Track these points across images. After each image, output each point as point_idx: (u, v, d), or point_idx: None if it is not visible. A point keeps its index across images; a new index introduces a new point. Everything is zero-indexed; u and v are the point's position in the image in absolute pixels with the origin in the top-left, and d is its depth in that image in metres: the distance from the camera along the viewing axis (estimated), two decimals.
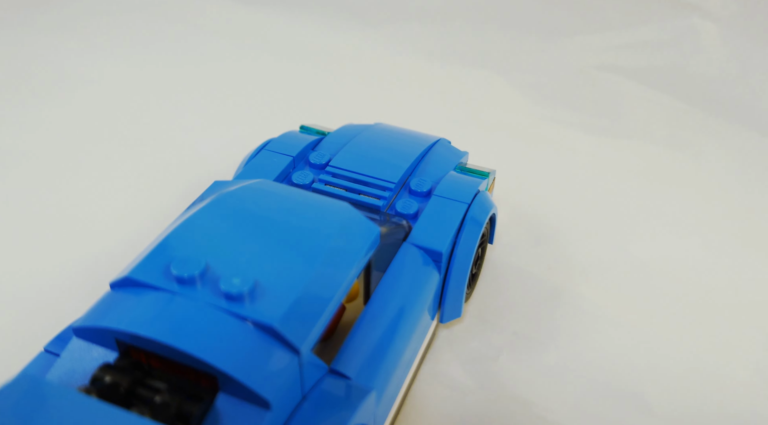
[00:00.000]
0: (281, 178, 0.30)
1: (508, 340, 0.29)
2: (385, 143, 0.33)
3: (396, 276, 0.25)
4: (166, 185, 0.37)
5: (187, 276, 0.19)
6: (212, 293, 0.19)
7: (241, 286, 0.19)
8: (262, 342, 0.19)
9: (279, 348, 0.19)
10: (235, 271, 0.20)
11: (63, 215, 0.35)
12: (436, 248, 0.26)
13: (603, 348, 0.29)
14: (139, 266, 0.20)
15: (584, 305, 0.31)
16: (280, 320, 0.19)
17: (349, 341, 0.22)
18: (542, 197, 0.38)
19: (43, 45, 0.51)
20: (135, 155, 0.40)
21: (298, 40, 0.53)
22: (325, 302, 0.20)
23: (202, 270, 0.20)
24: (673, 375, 0.28)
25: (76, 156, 0.40)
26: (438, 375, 0.28)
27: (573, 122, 0.45)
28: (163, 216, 0.34)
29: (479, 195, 0.30)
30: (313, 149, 0.32)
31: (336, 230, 0.22)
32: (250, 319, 0.19)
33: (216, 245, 0.21)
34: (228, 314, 0.19)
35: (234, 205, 0.23)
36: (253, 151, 0.32)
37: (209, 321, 0.19)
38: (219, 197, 0.23)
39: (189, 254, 0.20)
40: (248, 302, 0.19)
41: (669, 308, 0.31)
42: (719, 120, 0.46)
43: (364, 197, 0.29)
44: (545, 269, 0.33)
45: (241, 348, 0.18)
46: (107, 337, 0.19)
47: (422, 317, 0.26)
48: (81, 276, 0.31)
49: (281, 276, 0.20)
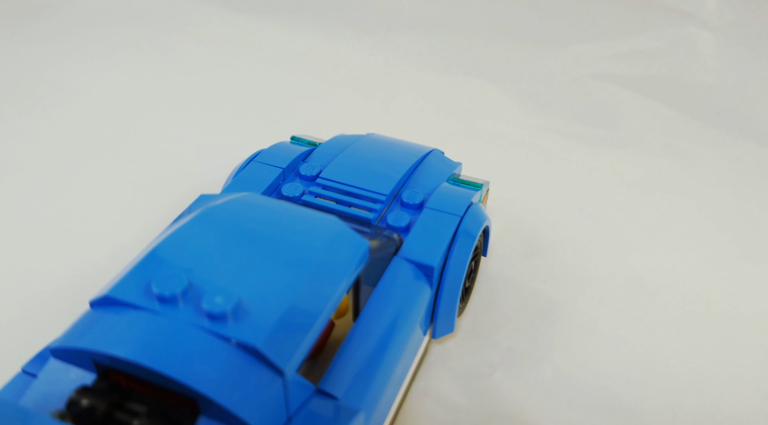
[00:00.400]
0: (271, 190, 0.30)
1: (503, 356, 0.29)
2: (377, 154, 0.32)
3: (386, 292, 0.25)
4: (156, 197, 0.36)
5: (169, 295, 0.19)
6: (194, 312, 0.19)
7: (223, 305, 0.19)
8: (245, 364, 0.18)
9: (262, 369, 0.18)
10: (218, 289, 0.19)
11: (49, 227, 0.35)
12: (428, 263, 0.26)
13: (600, 363, 0.29)
14: (119, 284, 0.20)
15: (580, 319, 0.31)
16: (263, 340, 0.18)
17: (337, 359, 0.22)
18: (537, 208, 0.38)
19: (33, 55, 0.51)
20: (124, 167, 0.39)
21: (290, 49, 0.53)
22: (311, 320, 0.20)
23: (185, 288, 0.19)
24: (672, 391, 0.28)
25: (64, 167, 0.39)
26: (430, 392, 0.27)
27: (568, 132, 0.45)
28: (152, 229, 0.33)
29: (472, 207, 0.29)
30: (304, 161, 0.32)
31: (324, 245, 0.22)
32: (233, 339, 0.18)
33: (199, 261, 0.20)
34: (210, 334, 0.18)
35: (219, 220, 0.22)
36: (243, 162, 0.32)
37: (190, 341, 0.18)
38: (203, 211, 0.23)
39: (171, 271, 0.20)
40: (231, 322, 0.19)
41: (666, 322, 0.31)
42: (716, 129, 0.46)
43: (355, 209, 0.28)
44: (540, 282, 0.33)
45: (223, 370, 0.18)
46: (85, 358, 0.18)
47: (413, 334, 0.25)
48: (65, 292, 0.30)
49: (266, 293, 0.20)
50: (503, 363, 0.28)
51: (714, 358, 0.29)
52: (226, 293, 0.19)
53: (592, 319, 0.31)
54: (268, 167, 0.31)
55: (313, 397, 0.20)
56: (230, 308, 0.19)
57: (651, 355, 0.29)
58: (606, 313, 0.31)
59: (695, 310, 0.32)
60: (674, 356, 0.29)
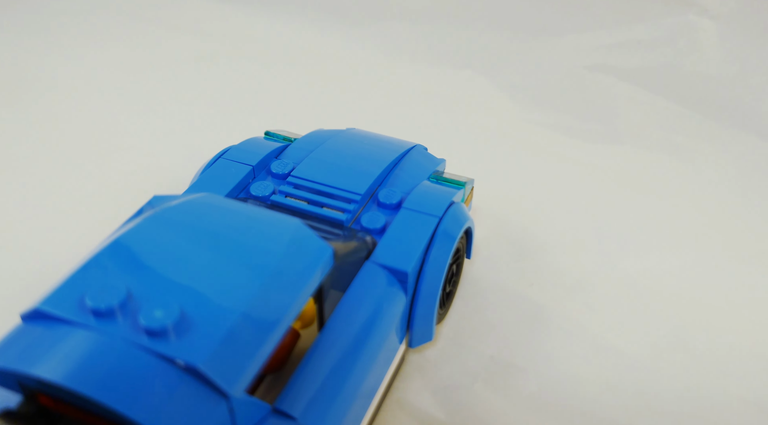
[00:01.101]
0: (239, 189, 0.28)
1: (484, 365, 0.27)
2: (355, 150, 0.30)
3: (355, 300, 0.23)
4: (121, 196, 0.35)
5: (105, 308, 0.17)
6: (132, 327, 0.17)
7: (163, 319, 0.17)
8: (185, 386, 0.16)
9: (205, 391, 0.17)
10: (159, 301, 0.17)
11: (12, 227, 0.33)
12: (401, 268, 0.24)
13: (588, 374, 0.27)
14: (51, 296, 0.18)
15: (568, 327, 0.29)
16: (205, 359, 0.17)
17: (297, 375, 0.20)
18: (527, 207, 0.36)
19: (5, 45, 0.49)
20: (90, 164, 0.38)
21: (273, 40, 0.51)
22: (264, 333, 0.18)
23: (122, 300, 0.17)
24: (665, 405, 0.26)
25: (26, 163, 0.37)
26: (405, 405, 0.25)
27: (561, 126, 0.43)
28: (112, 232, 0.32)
29: (453, 207, 0.27)
30: (277, 157, 0.30)
31: (282, 250, 0.20)
32: (172, 358, 0.16)
33: (143, 270, 0.19)
34: (147, 353, 0.17)
35: (169, 223, 0.21)
36: (210, 160, 0.30)
37: (124, 361, 0.16)
38: (153, 214, 0.21)
39: (109, 281, 0.18)
40: (173, 338, 0.17)
41: (660, 330, 0.29)
42: (717, 123, 0.44)
43: (327, 210, 0.27)
44: (528, 286, 0.31)
45: (160, 394, 0.16)
46: (10, 379, 0.17)
47: (385, 344, 0.23)
48: (11, 301, 0.28)
49: (214, 305, 0.18)
50: (485, 374, 0.27)
51: (712, 369, 0.27)
52: (167, 306, 0.17)
53: (582, 326, 0.29)
54: (237, 165, 0.29)
55: (268, 418, 0.19)
56: (171, 322, 0.17)
57: (644, 366, 0.27)
58: (597, 320, 0.29)
59: (693, 317, 0.30)
60: (668, 367, 0.27)
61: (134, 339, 0.17)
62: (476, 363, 0.27)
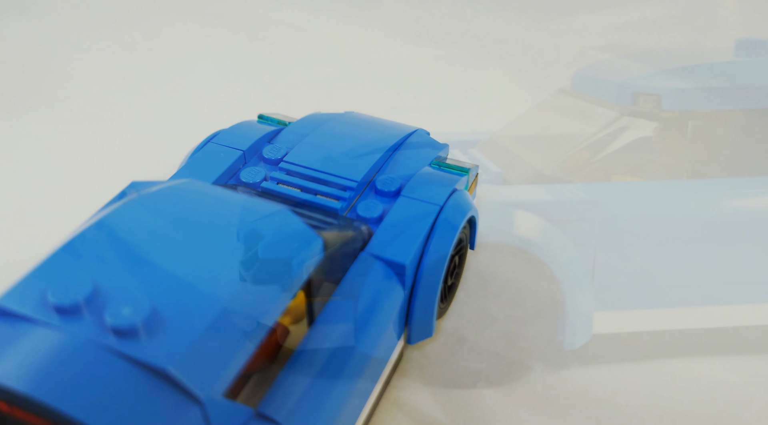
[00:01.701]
0: (228, 176, 0.26)
1: (488, 363, 0.26)
2: (352, 134, 0.29)
3: (348, 294, 0.21)
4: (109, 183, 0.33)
5: (68, 304, 0.16)
6: (98, 326, 0.16)
7: (131, 317, 0.15)
8: (155, 391, 0.15)
9: (176, 397, 0.15)
10: (128, 297, 0.16)
11: None
12: (398, 260, 0.22)
13: (598, 374, 0.25)
14: (12, 291, 0.16)
15: (578, 322, 0.27)
16: (176, 361, 0.15)
17: (283, 377, 0.19)
18: None
19: None
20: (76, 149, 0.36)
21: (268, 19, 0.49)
22: (243, 333, 0.17)
23: (88, 296, 0.16)
24: (680, 411, 0.24)
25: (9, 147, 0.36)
26: (402, 405, 0.24)
27: None
28: None
29: (455, 195, 0.26)
30: (270, 142, 0.29)
31: (267, 241, 0.19)
32: (140, 360, 0.15)
33: (113, 263, 0.17)
34: (113, 354, 0.15)
35: (143, 211, 0.19)
36: (199, 144, 0.28)
37: (87, 364, 0.15)
38: (128, 202, 0.19)
39: (75, 275, 0.16)
40: (142, 338, 0.15)
41: (678, 326, 0.27)
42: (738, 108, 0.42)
43: (321, 198, 0.25)
44: (535, 278, 0.29)
45: (126, 400, 0.15)
46: None
47: (380, 342, 0.22)
48: None
49: (188, 301, 0.16)
50: (488, 372, 0.25)
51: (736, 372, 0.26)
52: (137, 303, 0.16)
53: (591, 323, 0.27)
54: (227, 149, 0.27)
55: (250, 423, 0.17)
56: (140, 320, 0.15)
57: (659, 367, 0.26)
58: (609, 316, 0.28)
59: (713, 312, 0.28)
60: (686, 369, 0.26)
61: (100, 338, 0.15)
62: (479, 361, 0.26)
